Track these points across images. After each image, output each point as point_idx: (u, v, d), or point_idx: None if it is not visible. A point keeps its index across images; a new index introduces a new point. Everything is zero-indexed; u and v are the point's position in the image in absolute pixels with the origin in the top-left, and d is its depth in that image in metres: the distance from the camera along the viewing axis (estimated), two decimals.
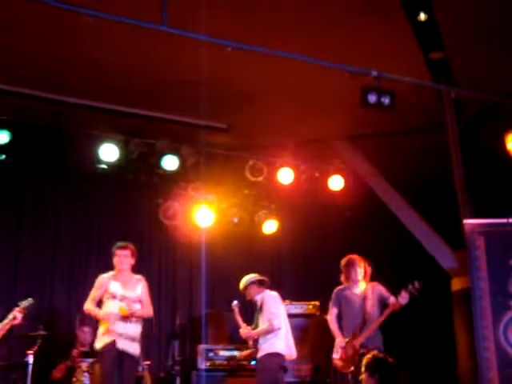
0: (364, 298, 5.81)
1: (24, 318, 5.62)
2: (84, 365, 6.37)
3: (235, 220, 8.20)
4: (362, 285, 5.95)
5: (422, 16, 5.41)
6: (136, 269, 6.03)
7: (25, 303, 5.69)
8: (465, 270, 6.68)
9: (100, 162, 7.14)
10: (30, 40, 5.87)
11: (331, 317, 5.99)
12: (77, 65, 6.28)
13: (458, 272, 7.10)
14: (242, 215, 8.25)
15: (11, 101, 6.72)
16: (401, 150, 8.07)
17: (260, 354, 5.94)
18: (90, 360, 6.42)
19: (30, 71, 6.40)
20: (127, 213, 8.25)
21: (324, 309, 7.17)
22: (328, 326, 6.11)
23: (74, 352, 6.62)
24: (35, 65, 6.29)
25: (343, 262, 6.07)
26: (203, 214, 7.85)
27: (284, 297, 7.95)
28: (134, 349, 5.67)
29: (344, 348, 5.75)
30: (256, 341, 6.00)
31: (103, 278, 5.82)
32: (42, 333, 6.29)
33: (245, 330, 6.09)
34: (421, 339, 8.24)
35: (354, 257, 6.03)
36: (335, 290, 6.06)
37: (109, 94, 6.89)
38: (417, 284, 5.63)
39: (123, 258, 5.82)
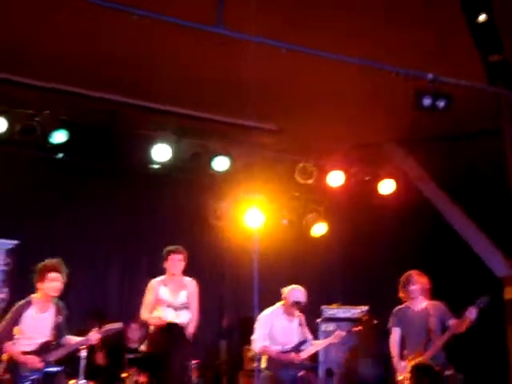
0: (426, 316, 5.46)
1: (101, 343, 4.95)
2: (133, 371, 6.02)
3: (284, 222, 8.20)
4: (422, 302, 5.60)
5: (482, 17, 5.28)
6: (184, 268, 5.95)
7: (108, 327, 5.04)
8: None
9: (153, 162, 7.23)
10: (86, 42, 6.01)
11: (394, 338, 5.57)
12: (131, 66, 6.40)
13: None
14: (291, 218, 8.23)
15: (69, 101, 6.90)
16: (454, 154, 7.92)
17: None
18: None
19: (87, 72, 6.56)
20: (177, 213, 8.33)
21: (373, 313, 7.10)
22: (375, 332, 5.98)
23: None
24: (92, 66, 6.44)
25: (402, 278, 5.70)
26: (253, 215, 7.87)
27: (332, 300, 7.93)
28: None
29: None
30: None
31: (155, 282, 5.71)
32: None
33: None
34: (472, 349, 8.02)
35: (413, 273, 5.64)
36: (394, 310, 5.72)
37: (162, 95, 7.00)
38: (485, 299, 5.35)
39: (177, 262, 5.71)
